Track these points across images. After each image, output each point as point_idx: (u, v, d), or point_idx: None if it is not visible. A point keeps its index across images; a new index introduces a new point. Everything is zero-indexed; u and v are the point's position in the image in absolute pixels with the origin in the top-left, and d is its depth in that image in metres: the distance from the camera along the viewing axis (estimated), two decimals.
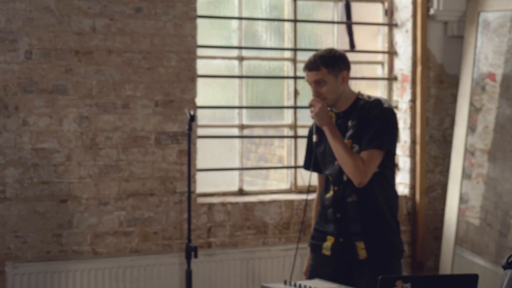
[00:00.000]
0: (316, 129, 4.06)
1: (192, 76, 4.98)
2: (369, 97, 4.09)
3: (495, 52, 5.64)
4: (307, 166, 4.21)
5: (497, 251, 5.48)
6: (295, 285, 3.74)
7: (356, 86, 5.87)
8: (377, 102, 4.05)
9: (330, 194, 4.05)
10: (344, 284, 3.81)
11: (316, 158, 4.17)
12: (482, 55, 5.69)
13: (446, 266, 5.46)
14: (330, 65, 4.02)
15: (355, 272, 4.00)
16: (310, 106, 4.02)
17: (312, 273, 4.07)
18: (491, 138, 5.62)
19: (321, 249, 4.08)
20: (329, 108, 4.11)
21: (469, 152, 5.66)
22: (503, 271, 1.41)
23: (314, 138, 4.06)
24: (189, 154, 4.61)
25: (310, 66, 4.05)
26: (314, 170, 4.16)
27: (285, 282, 3.85)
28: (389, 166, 4.07)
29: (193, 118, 4.49)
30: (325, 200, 4.09)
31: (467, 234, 5.60)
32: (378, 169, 4.02)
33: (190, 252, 4.41)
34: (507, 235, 5.45)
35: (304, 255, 5.11)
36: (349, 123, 4.01)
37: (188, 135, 4.59)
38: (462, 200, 5.62)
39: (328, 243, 4.05)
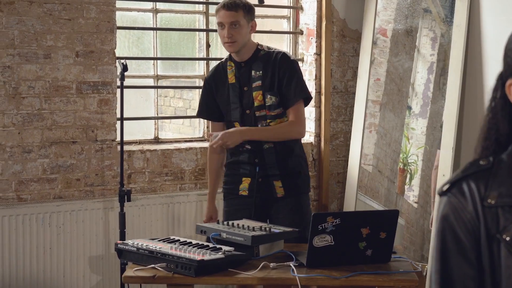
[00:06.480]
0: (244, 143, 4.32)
1: (111, 28, 5.11)
2: (268, 48, 4.39)
3: (386, 8, 5.99)
4: (205, 115, 4.55)
5: (386, 195, 5.90)
6: (227, 224, 4.02)
7: (263, 40, 6.13)
8: (284, 55, 4.33)
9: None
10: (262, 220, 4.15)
11: (212, 106, 4.42)
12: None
13: (350, 209, 5.85)
14: (247, 9, 4.28)
15: (272, 209, 4.32)
16: (221, 146, 4.27)
17: (227, 219, 4.34)
18: (382, 90, 6.00)
19: (237, 191, 4.35)
20: (225, 58, 4.37)
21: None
22: (439, 197, 1.74)
23: (248, 146, 4.32)
24: (122, 103, 4.76)
25: (229, 5, 4.22)
26: (213, 118, 4.47)
27: (218, 222, 4.12)
28: None
29: (126, 68, 4.64)
30: (237, 147, 4.36)
31: (362, 180, 6.00)
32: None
33: (124, 196, 4.62)
34: (395, 181, 5.88)
35: (220, 200, 5.38)
36: (253, 73, 4.28)
37: (121, 85, 4.74)
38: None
39: (245, 184, 4.34)
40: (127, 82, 5.43)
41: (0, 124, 4.79)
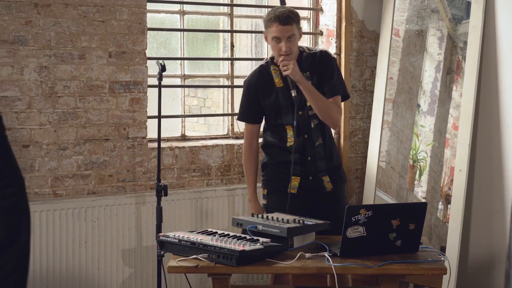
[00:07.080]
0: (292, 84, 4.33)
1: (142, 29, 5.30)
2: (308, 48, 4.52)
3: (398, 9, 6.17)
4: (248, 119, 4.55)
5: (397, 191, 6.09)
6: (262, 216, 4.21)
7: None
8: (326, 52, 4.50)
9: (292, 142, 4.43)
10: (312, 214, 4.34)
11: (255, 111, 4.51)
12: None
13: (369, 203, 6.04)
14: (298, 21, 4.35)
15: (320, 203, 4.51)
16: (283, 65, 4.23)
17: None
18: (395, 89, 6.19)
19: (286, 188, 4.50)
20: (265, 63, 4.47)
21: None
22: None
23: (293, 93, 4.33)
24: (159, 102, 4.94)
25: (286, 20, 4.23)
26: (254, 122, 4.55)
27: (252, 215, 4.31)
28: None
29: (164, 68, 4.83)
30: (287, 148, 4.44)
31: (377, 175, 6.18)
32: None
33: (161, 190, 4.82)
34: (405, 177, 6.07)
35: (244, 194, 5.57)
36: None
37: (159, 84, 4.93)
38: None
39: (295, 182, 4.48)
40: (154, 81, 5.63)
41: (37, 122, 4.98)
